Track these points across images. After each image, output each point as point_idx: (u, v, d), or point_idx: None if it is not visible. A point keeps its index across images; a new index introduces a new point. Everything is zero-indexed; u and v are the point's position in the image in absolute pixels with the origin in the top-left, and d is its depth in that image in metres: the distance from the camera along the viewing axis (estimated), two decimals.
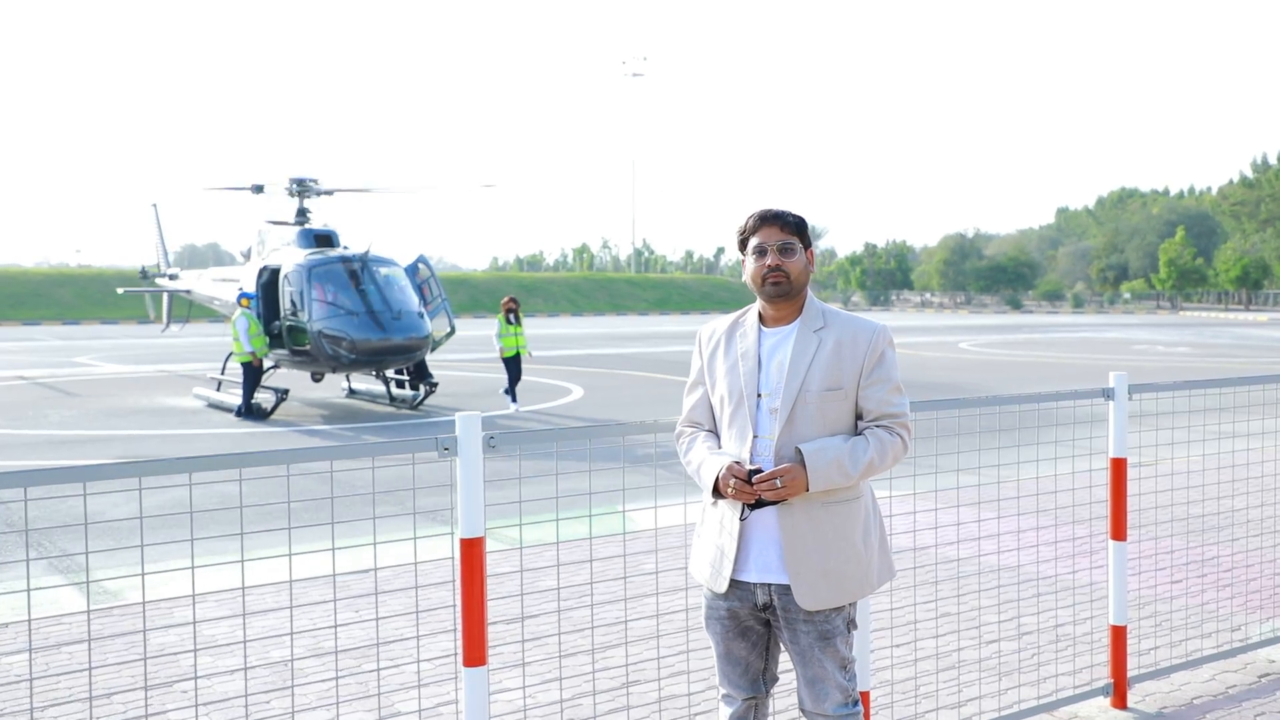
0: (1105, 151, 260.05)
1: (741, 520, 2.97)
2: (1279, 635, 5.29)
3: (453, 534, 2.88)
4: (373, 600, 5.79)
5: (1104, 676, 4.65)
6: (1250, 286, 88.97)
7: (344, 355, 16.46)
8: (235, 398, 17.24)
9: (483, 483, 2.91)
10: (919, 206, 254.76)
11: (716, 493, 2.96)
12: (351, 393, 19.89)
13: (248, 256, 20.55)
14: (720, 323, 3.20)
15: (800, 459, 2.89)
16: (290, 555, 2.94)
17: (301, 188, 19.42)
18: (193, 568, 2.87)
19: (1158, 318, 73.44)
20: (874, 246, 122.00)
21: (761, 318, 3.11)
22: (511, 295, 17.69)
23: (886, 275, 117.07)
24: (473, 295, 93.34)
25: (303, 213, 19.43)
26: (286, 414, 17.06)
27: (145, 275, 27.49)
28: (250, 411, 16.45)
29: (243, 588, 3.06)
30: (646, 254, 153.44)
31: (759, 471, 2.88)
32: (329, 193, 20.17)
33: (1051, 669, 4.93)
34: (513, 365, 17.42)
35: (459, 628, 2.90)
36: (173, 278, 25.02)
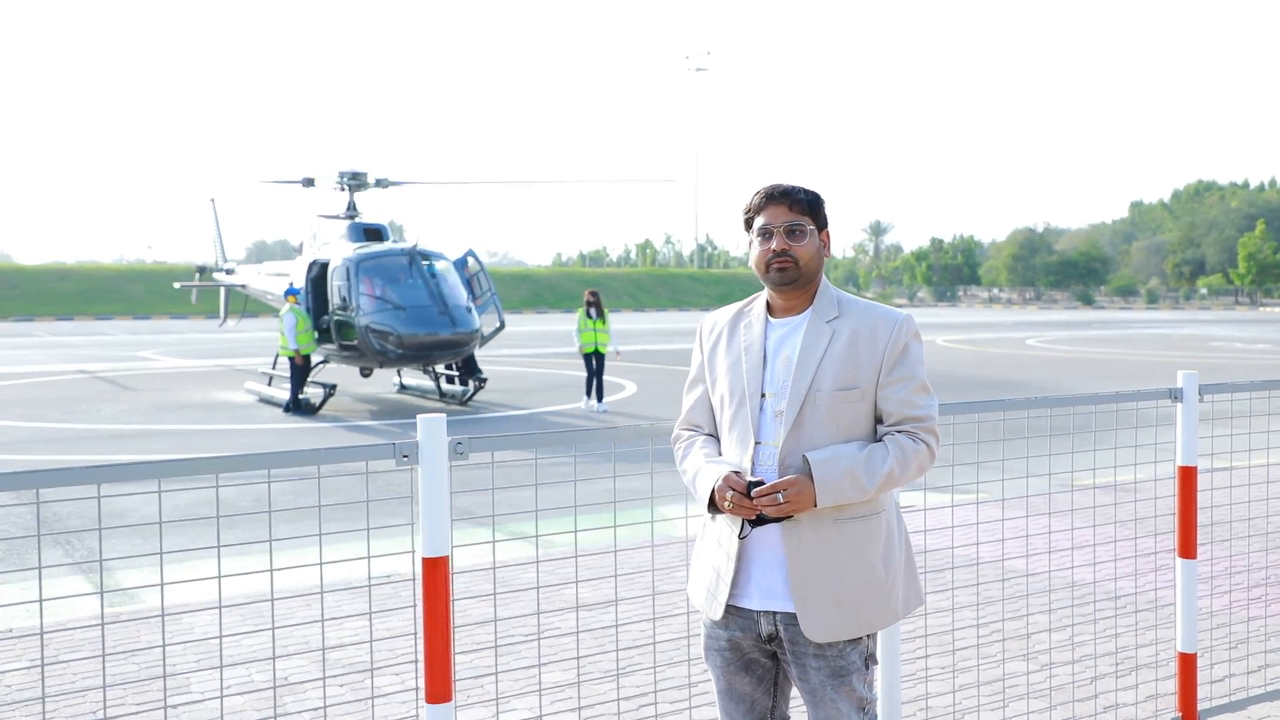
0: (1181, 143, 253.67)
1: (740, 538, 2.58)
2: None
3: (413, 553, 2.54)
4: (327, 628, 5.49)
5: (1171, 708, 4.18)
6: None
7: (391, 350, 16.29)
8: (285, 393, 17.19)
9: (449, 495, 2.55)
10: (987, 201, 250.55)
11: (713, 506, 2.58)
12: (402, 388, 19.77)
13: (300, 251, 20.54)
14: (724, 313, 2.82)
15: (807, 469, 2.51)
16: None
17: (354, 181, 19.31)
18: (163, 584, 2.57)
19: (1236, 314, 71.13)
20: (940, 241, 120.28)
21: (769, 307, 2.73)
22: (592, 289, 17.01)
23: (953, 271, 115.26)
24: (535, 290, 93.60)
25: (353, 206, 19.33)
26: (335, 409, 16.96)
27: (203, 271, 27.71)
28: (298, 407, 16.37)
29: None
30: (709, 249, 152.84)
31: (760, 483, 2.50)
32: (395, 184, 20.03)
33: (1111, 697, 4.47)
34: (592, 362, 16.67)
35: (420, 658, 2.56)
36: (229, 272, 25.16)
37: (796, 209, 2.64)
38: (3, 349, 35.55)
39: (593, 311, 16.72)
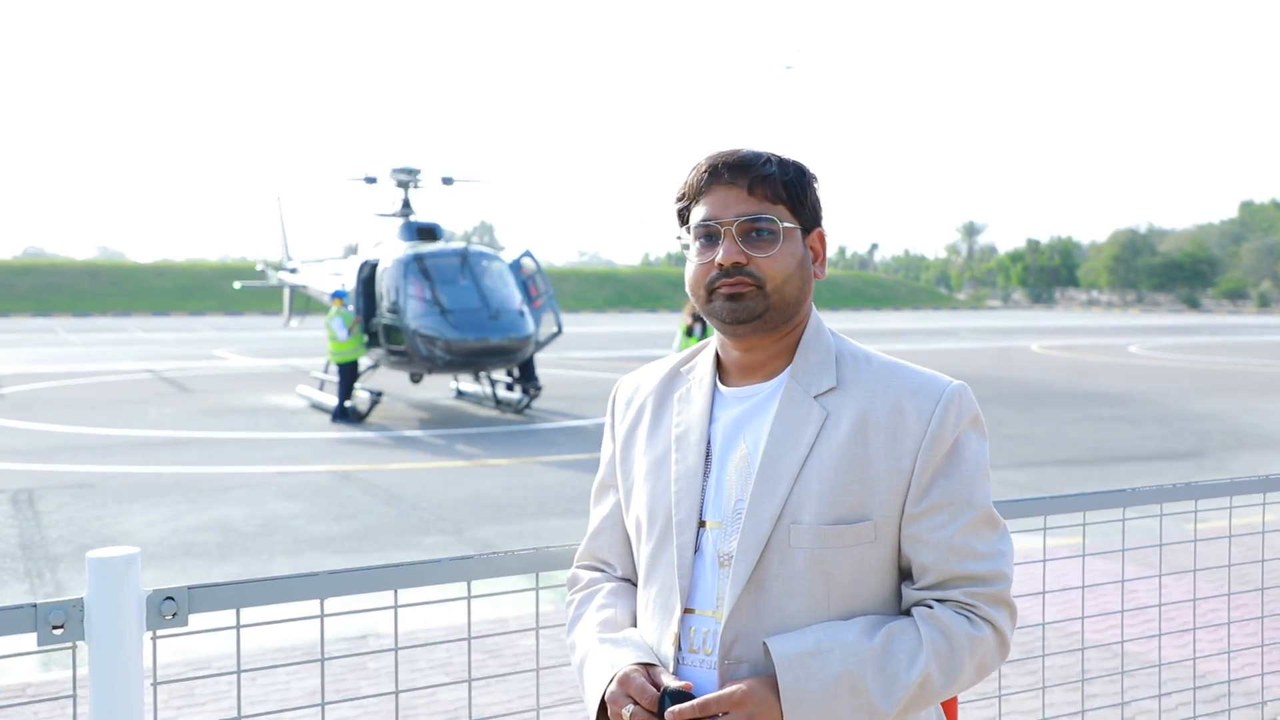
0: None
1: None
2: None
3: None
4: None
5: None
6: None
7: (439, 356, 15.38)
8: (335, 399, 16.46)
9: (148, 689, 1.47)
10: (1086, 200, 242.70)
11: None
12: (460, 394, 18.90)
13: (356, 251, 19.83)
14: (649, 373, 1.70)
15: (770, 669, 1.38)
16: None
17: (408, 177, 18.47)
18: None
19: None
20: (1037, 243, 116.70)
21: (720, 366, 1.60)
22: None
23: (1050, 273, 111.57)
24: (619, 290, 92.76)
25: (407, 204, 18.49)
26: (386, 416, 16.15)
27: (268, 269, 27.32)
28: (344, 414, 15.58)
29: None
30: None
31: (682, 694, 1.38)
32: (460, 181, 19.20)
33: None
34: None
35: None
36: (293, 271, 24.64)
37: (762, 193, 1.51)
38: (86, 345, 35.83)
39: (696, 329, 15.19)
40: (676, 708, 1.35)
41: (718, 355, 1.60)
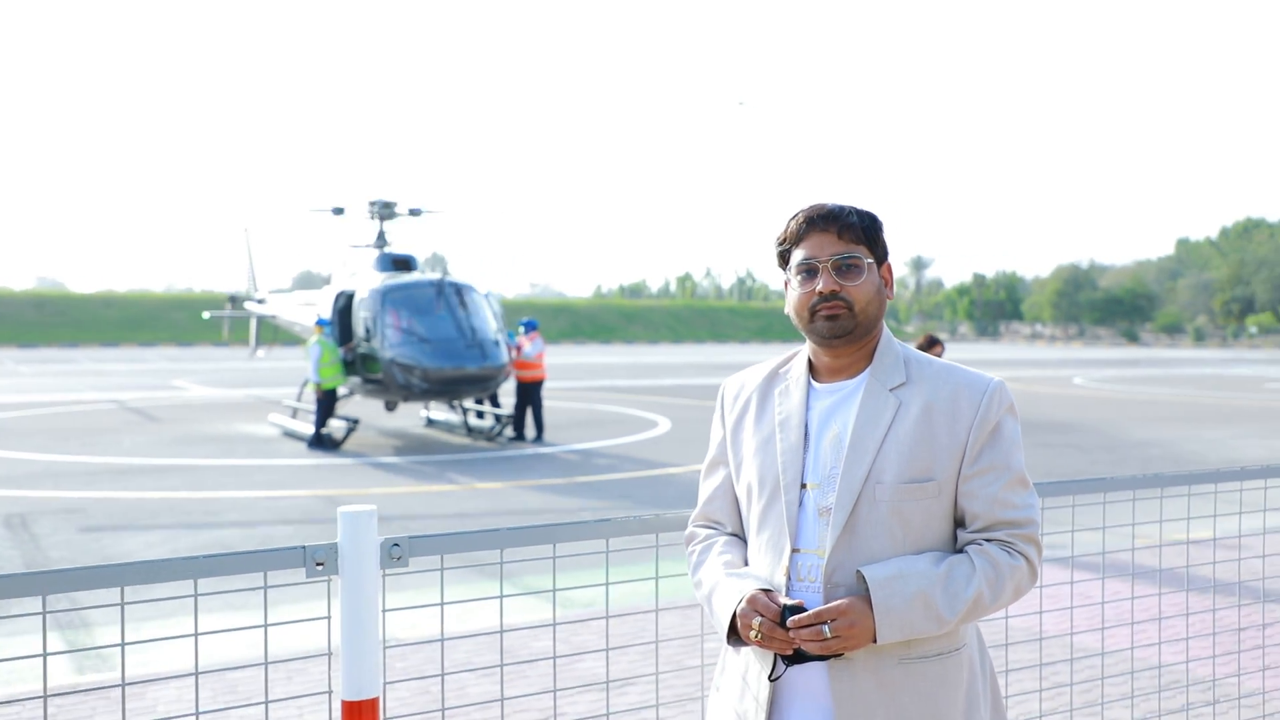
0: (1229, 180, 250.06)
1: (772, 680, 1.94)
2: None
3: (329, 694, 1.91)
4: None
5: None
6: None
7: (416, 384, 15.75)
8: (309, 426, 16.72)
9: (380, 615, 1.93)
10: (1030, 236, 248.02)
11: (736, 635, 1.94)
12: (430, 423, 19.23)
13: (329, 282, 20.14)
14: (752, 374, 2.18)
15: (864, 590, 1.86)
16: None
17: (384, 210, 18.88)
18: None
19: None
20: (983, 277, 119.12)
21: (813, 368, 2.09)
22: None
23: (996, 306, 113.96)
24: (573, 321, 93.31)
25: (382, 236, 18.88)
26: (359, 445, 16.44)
27: (234, 300, 27.47)
28: (320, 442, 15.86)
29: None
30: (749, 282, 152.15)
31: (798, 609, 1.85)
32: (427, 213, 19.61)
33: None
34: None
35: None
36: (261, 302, 24.85)
37: (848, 236, 2.01)
38: (42, 376, 35.57)
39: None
40: (796, 617, 1.83)
41: (810, 361, 2.10)
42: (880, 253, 2.06)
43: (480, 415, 17.80)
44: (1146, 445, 16.37)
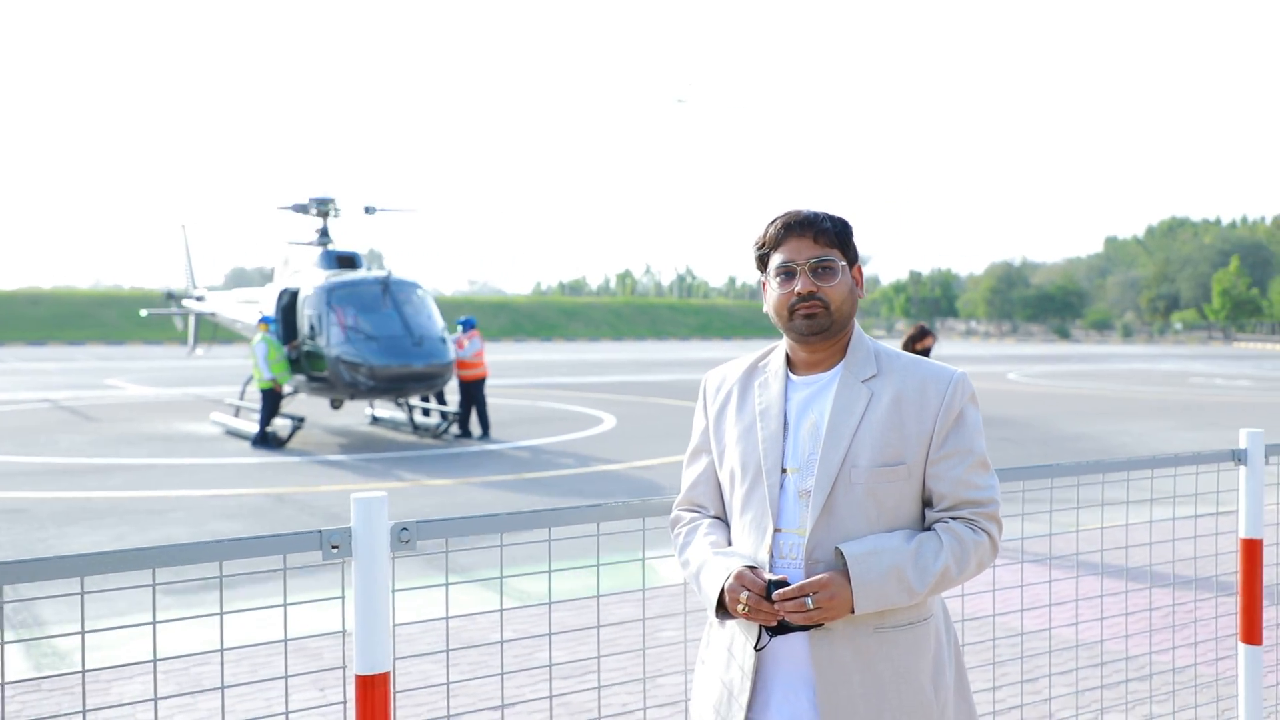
0: (1155, 181, 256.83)
1: (757, 650, 2.10)
2: None
3: (344, 670, 2.03)
4: None
5: None
6: None
7: (362, 382, 15.73)
8: (253, 425, 16.60)
9: (390, 594, 2.05)
10: (964, 234, 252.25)
11: (723, 610, 2.10)
12: (375, 420, 19.18)
13: (272, 279, 19.98)
14: (732, 368, 2.34)
15: (842, 565, 2.03)
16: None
17: (325, 207, 18.78)
18: None
19: (1210, 349, 71.36)
20: (919, 274, 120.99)
21: (790, 362, 2.26)
22: None
23: (931, 303, 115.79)
24: (514, 319, 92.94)
25: (325, 233, 18.78)
26: (304, 443, 16.37)
27: (172, 297, 27.08)
28: (265, 440, 15.77)
29: None
30: (689, 279, 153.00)
31: (782, 583, 2.01)
32: (373, 211, 19.53)
33: None
34: None
35: None
36: (199, 299, 24.54)
37: (823, 241, 2.18)
38: None
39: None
40: (781, 590, 1.99)
41: (787, 355, 2.26)
42: (851, 255, 2.22)
43: (426, 413, 17.80)
44: (1079, 439, 16.87)
